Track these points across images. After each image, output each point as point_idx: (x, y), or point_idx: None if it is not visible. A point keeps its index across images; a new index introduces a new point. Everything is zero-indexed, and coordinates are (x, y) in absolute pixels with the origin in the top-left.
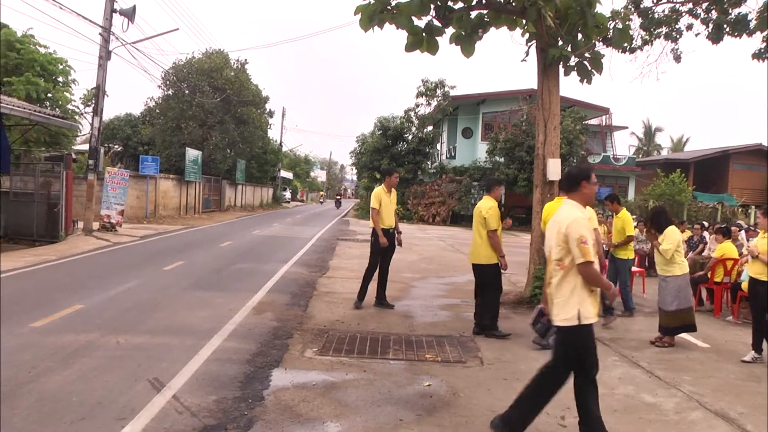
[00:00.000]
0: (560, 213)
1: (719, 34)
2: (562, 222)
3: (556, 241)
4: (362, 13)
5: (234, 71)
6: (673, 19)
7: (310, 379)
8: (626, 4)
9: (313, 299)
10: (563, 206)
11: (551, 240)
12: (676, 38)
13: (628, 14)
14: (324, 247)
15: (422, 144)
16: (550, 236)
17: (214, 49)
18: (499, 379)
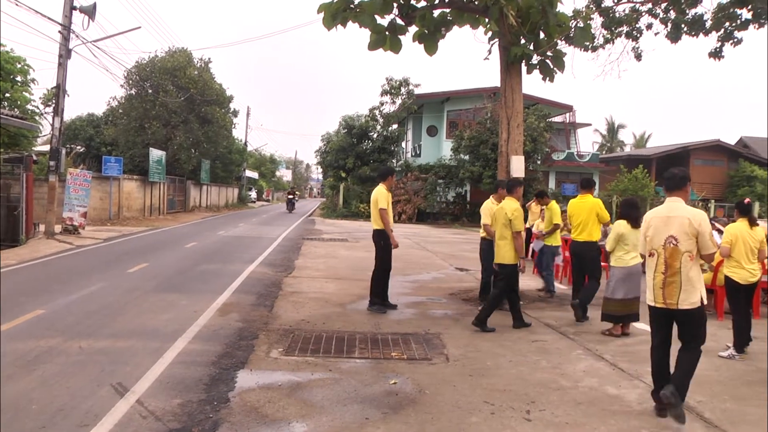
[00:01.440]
0: (682, 208)
1: (677, 34)
2: (693, 218)
3: (687, 234)
4: (325, 12)
5: (198, 70)
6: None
7: (276, 379)
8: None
9: (278, 299)
10: (678, 203)
11: (677, 233)
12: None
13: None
14: (290, 247)
15: (387, 142)
16: (665, 230)
17: (177, 48)
18: (464, 376)
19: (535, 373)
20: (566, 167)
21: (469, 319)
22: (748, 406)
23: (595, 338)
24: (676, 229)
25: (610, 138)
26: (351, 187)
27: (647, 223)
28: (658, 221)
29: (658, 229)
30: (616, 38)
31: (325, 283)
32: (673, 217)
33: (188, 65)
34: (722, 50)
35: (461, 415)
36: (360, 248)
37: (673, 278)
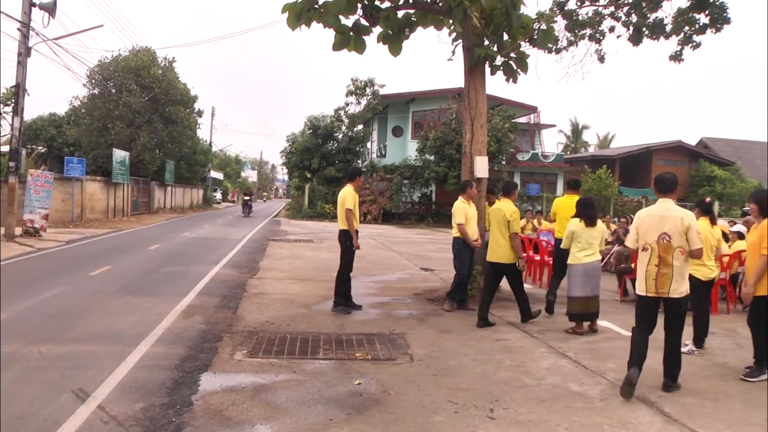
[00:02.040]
0: (674, 209)
1: (639, 37)
2: (686, 217)
3: (680, 231)
4: (290, 12)
5: (162, 69)
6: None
7: (240, 381)
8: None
9: (243, 301)
10: (670, 204)
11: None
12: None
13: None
14: (255, 248)
15: (352, 143)
16: (659, 228)
17: (140, 47)
18: (429, 375)
19: (499, 372)
20: (531, 168)
21: (433, 320)
22: (705, 399)
23: (559, 336)
24: (669, 227)
25: (575, 139)
26: (316, 187)
27: (640, 220)
28: (652, 219)
29: (652, 226)
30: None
31: (290, 284)
32: (667, 216)
33: (152, 64)
34: (682, 53)
35: (425, 415)
36: (325, 249)
37: (666, 270)
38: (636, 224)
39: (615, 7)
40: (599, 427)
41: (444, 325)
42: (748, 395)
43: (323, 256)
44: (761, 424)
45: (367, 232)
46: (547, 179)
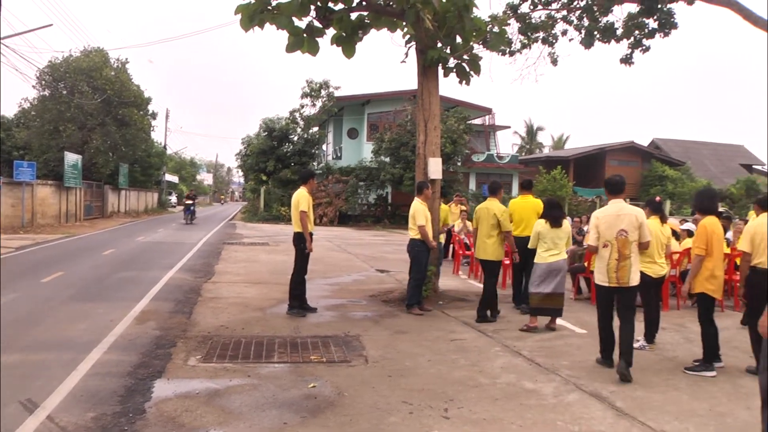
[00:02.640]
0: (627, 207)
1: (590, 40)
2: (638, 214)
3: (635, 227)
4: (242, 13)
5: (114, 71)
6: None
7: (194, 387)
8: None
9: (197, 305)
10: (622, 203)
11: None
12: (552, 43)
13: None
14: (210, 252)
15: (308, 145)
16: (616, 225)
17: (92, 47)
18: (383, 377)
19: (454, 372)
20: (486, 168)
21: (388, 321)
22: (655, 393)
23: (514, 335)
24: (626, 224)
25: (529, 140)
26: (272, 190)
27: (598, 220)
28: (609, 218)
29: (610, 224)
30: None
31: (245, 288)
32: (622, 214)
33: (104, 66)
34: (632, 57)
35: (380, 416)
36: (281, 252)
37: (624, 262)
38: (595, 224)
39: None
40: (552, 423)
41: (399, 326)
42: (695, 388)
43: (279, 259)
44: (706, 415)
45: (323, 234)
46: (502, 180)
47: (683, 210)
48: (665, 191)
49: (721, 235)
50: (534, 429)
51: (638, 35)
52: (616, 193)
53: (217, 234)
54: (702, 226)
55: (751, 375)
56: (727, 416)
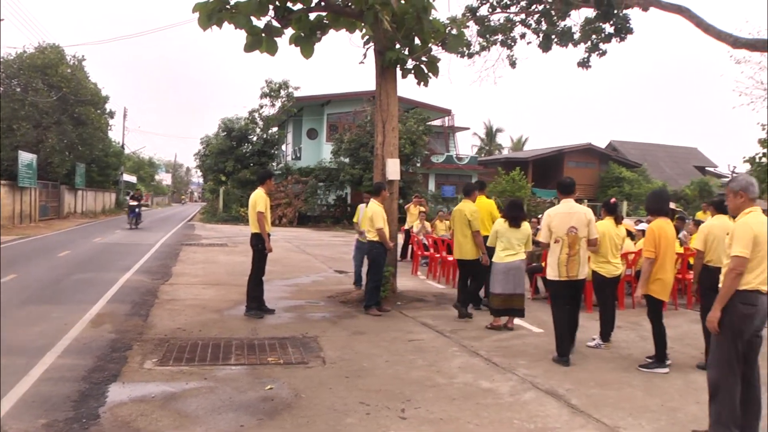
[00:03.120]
0: (577, 206)
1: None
2: (587, 213)
3: (584, 224)
4: (200, 12)
5: (70, 68)
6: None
7: (149, 391)
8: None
9: (154, 308)
10: (572, 203)
11: (577, 224)
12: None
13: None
14: (168, 253)
15: (267, 145)
16: (567, 222)
17: (47, 44)
18: (341, 378)
19: (411, 372)
20: (446, 169)
21: (347, 321)
22: (610, 390)
23: (471, 335)
24: (576, 222)
25: (489, 141)
26: (231, 190)
27: (550, 218)
28: (561, 216)
29: (562, 222)
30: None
31: (203, 290)
32: (572, 213)
33: (60, 62)
34: (589, 60)
35: (337, 417)
36: (239, 253)
37: (574, 257)
38: (547, 222)
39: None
40: (509, 422)
41: (357, 327)
42: (648, 384)
43: (237, 260)
44: (658, 410)
45: (282, 235)
46: (461, 181)
47: (639, 211)
48: (622, 192)
49: (670, 236)
50: (490, 428)
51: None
52: (567, 193)
53: (175, 235)
54: (650, 229)
55: (701, 371)
56: (678, 411)
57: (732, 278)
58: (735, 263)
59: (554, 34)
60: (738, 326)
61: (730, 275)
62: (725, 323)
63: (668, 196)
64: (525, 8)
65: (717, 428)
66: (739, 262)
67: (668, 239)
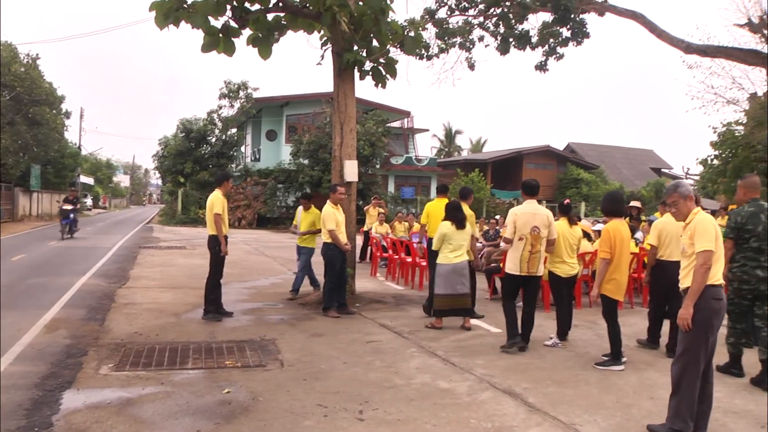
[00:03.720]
0: (539, 207)
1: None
2: (549, 215)
3: (545, 225)
4: (157, 11)
5: (24, 67)
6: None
7: (105, 397)
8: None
9: (111, 312)
10: (535, 204)
11: (539, 224)
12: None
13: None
14: (125, 256)
15: (226, 146)
16: (531, 222)
17: None
18: (299, 380)
19: (369, 374)
20: (405, 171)
21: (305, 324)
22: (566, 388)
23: (429, 336)
24: (539, 222)
25: (448, 143)
26: (190, 192)
27: (516, 217)
28: (526, 215)
29: (526, 221)
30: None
31: (161, 293)
32: (536, 213)
33: (13, 61)
34: (547, 64)
35: (294, 420)
36: (198, 255)
37: (535, 255)
38: (512, 220)
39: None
40: (466, 421)
41: (315, 329)
42: (604, 382)
43: (196, 263)
44: (613, 407)
45: (241, 237)
46: (421, 182)
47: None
48: (580, 193)
49: (625, 237)
50: (448, 428)
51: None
52: (531, 194)
53: (133, 238)
54: (605, 230)
55: (655, 368)
56: (633, 407)
57: (702, 273)
58: (705, 258)
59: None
60: (711, 321)
61: (700, 270)
62: (697, 319)
63: (623, 199)
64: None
65: (675, 421)
66: (708, 257)
67: (623, 240)
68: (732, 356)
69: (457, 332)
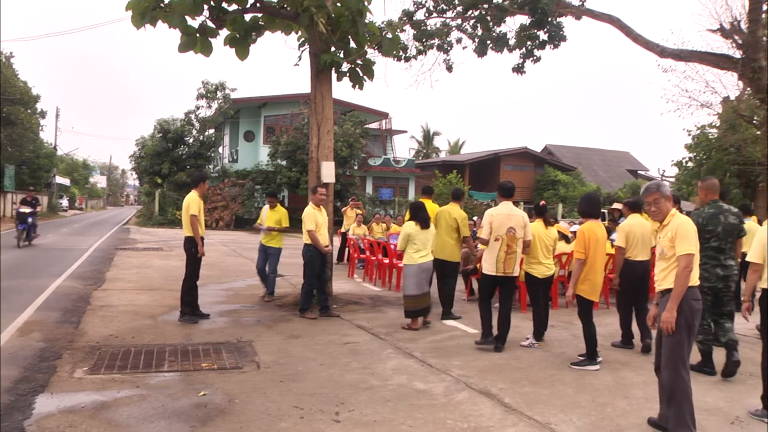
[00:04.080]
0: (514, 209)
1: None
2: (524, 216)
3: (521, 226)
4: (134, 10)
5: None
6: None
7: (79, 401)
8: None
9: (86, 314)
10: (511, 205)
11: (515, 225)
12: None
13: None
14: (101, 258)
15: (204, 147)
16: (507, 223)
17: None
18: (275, 382)
19: (346, 375)
20: (383, 172)
21: (282, 326)
22: (542, 388)
23: (406, 337)
24: (514, 223)
25: (426, 144)
26: (167, 193)
27: (492, 218)
28: (502, 217)
29: (502, 222)
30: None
31: (137, 295)
32: (512, 215)
33: None
34: (524, 66)
35: (270, 422)
36: (175, 257)
37: (511, 255)
38: (489, 221)
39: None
40: (442, 422)
41: (292, 330)
42: (580, 381)
43: (173, 265)
44: (588, 406)
45: (218, 238)
46: (399, 184)
47: (575, 213)
48: (557, 195)
49: (600, 238)
50: (424, 428)
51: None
52: (507, 196)
53: (110, 239)
54: (581, 231)
55: (630, 367)
56: (607, 406)
57: (685, 276)
58: (687, 261)
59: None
60: (692, 322)
61: (683, 273)
62: (680, 322)
63: (599, 200)
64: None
65: (680, 430)
66: (690, 260)
67: (598, 241)
68: (703, 354)
69: (434, 333)
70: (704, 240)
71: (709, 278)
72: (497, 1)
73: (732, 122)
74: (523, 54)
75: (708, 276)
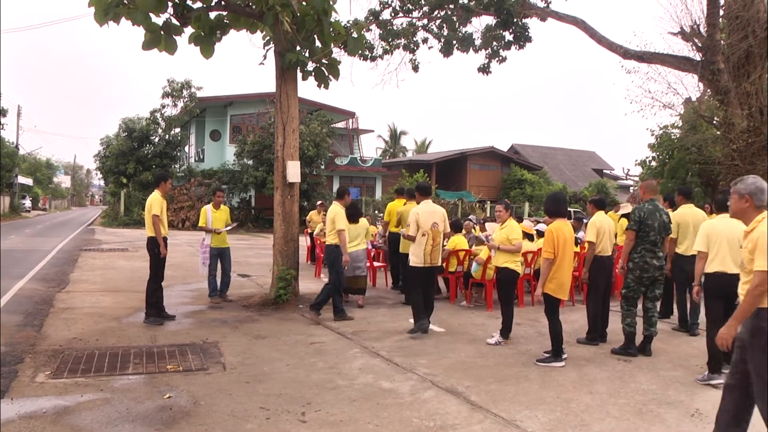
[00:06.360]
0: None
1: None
2: (444, 212)
3: (442, 220)
4: (96, 6)
5: None
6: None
7: (40, 406)
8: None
9: (49, 317)
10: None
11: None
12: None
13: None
14: (65, 259)
15: (169, 147)
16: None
17: None
18: (241, 383)
19: (312, 375)
20: (350, 172)
21: (247, 326)
22: (508, 385)
23: (372, 336)
24: (437, 218)
25: (393, 144)
26: (132, 193)
27: (418, 216)
28: (426, 214)
29: (427, 218)
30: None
31: (101, 297)
32: (434, 211)
33: None
34: (490, 66)
35: (236, 423)
36: (140, 258)
37: (436, 248)
38: (415, 219)
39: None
40: (408, 420)
41: (258, 331)
42: (545, 378)
43: (138, 266)
44: (553, 402)
45: (185, 239)
46: (366, 183)
47: (541, 212)
48: (524, 194)
49: (567, 237)
50: (390, 427)
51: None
52: (427, 195)
53: (74, 240)
54: (549, 231)
55: (593, 364)
56: (572, 402)
57: (756, 296)
58: (760, 279)
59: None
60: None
61: (754, 292)
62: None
63: (565, 199)
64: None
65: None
66: (764, 279)
67: (566, 240)
68: (627, 336)
69: (400, 332)
70: (644, 233)
71: (647, 269)
72: (463, 1)
73: (693, 123)
74: (489, 54)
75: (647, 267)
